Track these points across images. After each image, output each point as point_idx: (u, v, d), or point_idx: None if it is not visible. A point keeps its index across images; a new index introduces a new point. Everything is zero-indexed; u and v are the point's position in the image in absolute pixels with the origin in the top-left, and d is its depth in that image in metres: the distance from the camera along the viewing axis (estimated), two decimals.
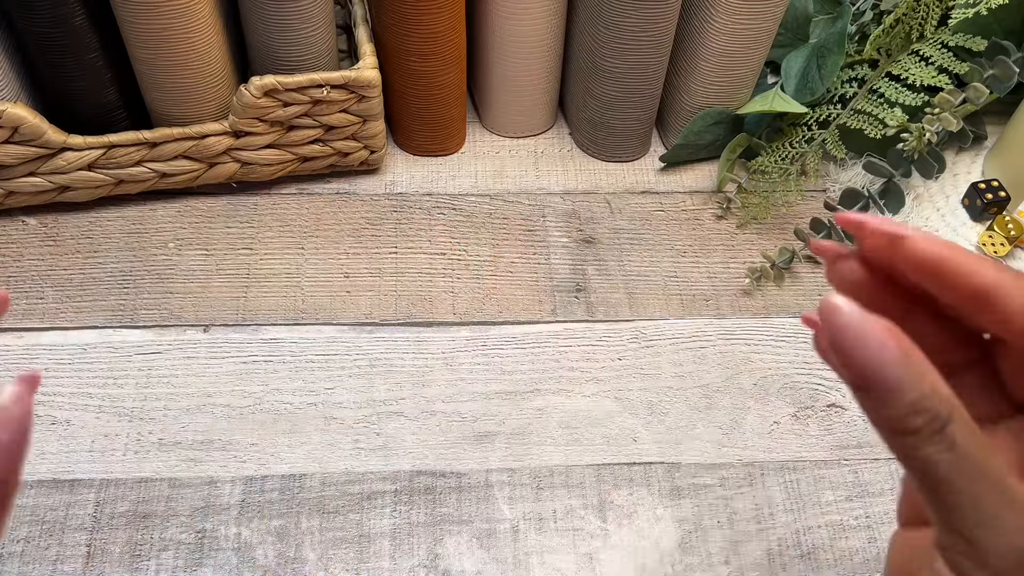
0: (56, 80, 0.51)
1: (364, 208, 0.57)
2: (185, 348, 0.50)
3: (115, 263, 0.53)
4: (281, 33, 0.51)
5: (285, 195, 0.57)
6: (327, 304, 0.52)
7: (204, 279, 0.53)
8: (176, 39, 0.49)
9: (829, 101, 0.58)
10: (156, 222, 0.55)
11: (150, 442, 0.46)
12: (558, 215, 0.57)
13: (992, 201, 0.55)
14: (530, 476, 0.46)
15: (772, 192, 0.58)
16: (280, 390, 0.48)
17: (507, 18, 0.55)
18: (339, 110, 0.53)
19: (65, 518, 0.43)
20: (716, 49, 0.54)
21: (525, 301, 0.53)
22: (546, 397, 0.49)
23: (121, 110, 0.53)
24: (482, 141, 0.62)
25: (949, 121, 0.51)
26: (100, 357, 0.49)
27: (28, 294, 0.51)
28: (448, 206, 0.57)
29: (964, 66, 0.53)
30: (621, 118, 0.58)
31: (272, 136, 0.53)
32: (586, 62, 0.56)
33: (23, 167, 0.51)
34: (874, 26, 0.57)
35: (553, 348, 0.51)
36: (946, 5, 0.54)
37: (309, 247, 0.55)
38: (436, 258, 0.55)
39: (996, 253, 0.54)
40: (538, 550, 0.43)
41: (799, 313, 0.53)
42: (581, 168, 0.60)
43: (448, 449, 0.47)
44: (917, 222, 0.56)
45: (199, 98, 0.52)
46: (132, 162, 0.53)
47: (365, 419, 0.48)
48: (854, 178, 0.59)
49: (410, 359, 0.50)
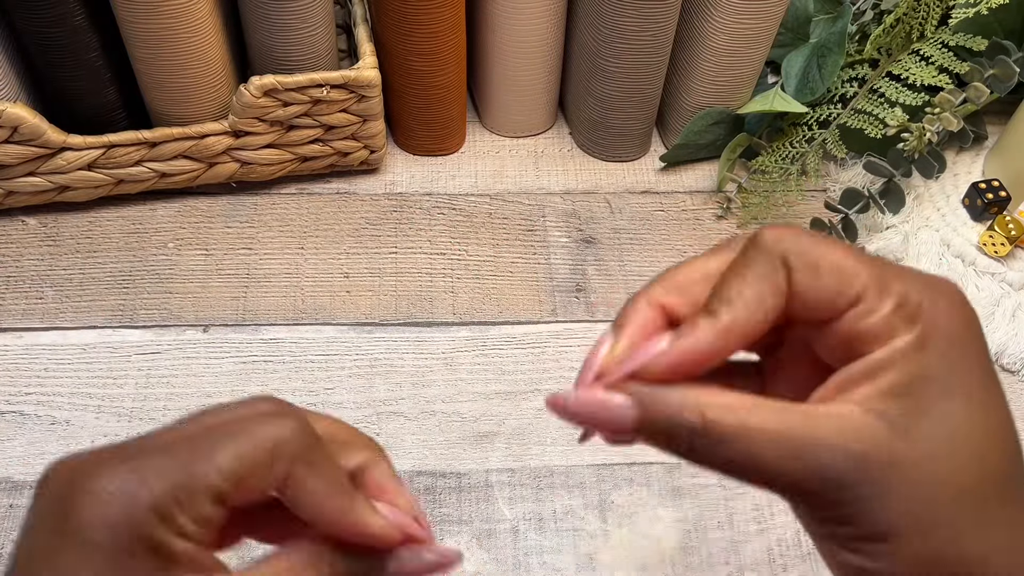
0: (56, 80, 0.51)
1: (364, 208, 0.57)
2: (185, 348, 0.50)
3: (114, 263, 0.53)
4: (281, 33, 0.51)
5: (285, 195, 0.57)
6: (327, 304, 0.52)
7: (204, 279, 0.53)
8: (176, 39, 0.49)
9: (829, 101, 0.57)
10: (156, 222, 0.55)
11: None
12: (558, 215, 0.57)
13: (992, 201, 0.55)
14: (530, 476, 0.46)
15: (772, 192, 0.58)
16: (280, 390, 0.48)
17: (507, 18, 0.54)
18: (339, 110, 0.53)
19: None
20: (716, 49, 0.54)
21: (525, 301, 0.53)
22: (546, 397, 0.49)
23: (121, 110, 0.53)
24: (482, 141, 0.62)
25: (949, 121, 0.51)
26: (100, 357, 0.49)
27: (28, 294, 0.51)
28: (448, 206, 0.57)
29: (964, 66, 0.53)
30: (621, 118, 0.58)
31: (272, 136, 0.53)
32: (586, 62, 0.56)
33: (23, 167, 0.51)
34: (874, 26, 0.57)
35: (553, 348, 0.51)
36: (946, 5, 0.54)
37: (309, 247, 0.55)
38: (436, 258, 0.55)
39: (997, 253, 0.54)
40: (538, 550, 0.43)
41: None
42: (581, 168, 0.60)
43: (448, 449, 0.47)
44: (917, 222, 0.56)
45: (199, 98, 0.52)
46: (132, 162, 0.52)
47: (365, 419, 0.47)
48: (854, 178, 0.58)
49: (410, 359, 0.50)
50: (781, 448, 0.22)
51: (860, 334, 0.23)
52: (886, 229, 0.56)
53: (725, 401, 0.22)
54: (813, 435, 0.22)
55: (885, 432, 0.22)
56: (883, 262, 0.24)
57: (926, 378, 0.22)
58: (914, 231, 0.56)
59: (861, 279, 0.23)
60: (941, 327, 0.22)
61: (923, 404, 0.22)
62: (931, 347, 0.22)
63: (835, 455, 0.22)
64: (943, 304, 0.23)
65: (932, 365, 0.22)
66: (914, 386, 0.22)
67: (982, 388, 0.23)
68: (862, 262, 0.23)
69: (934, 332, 0.22)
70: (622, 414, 0.23)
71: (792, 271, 0.23)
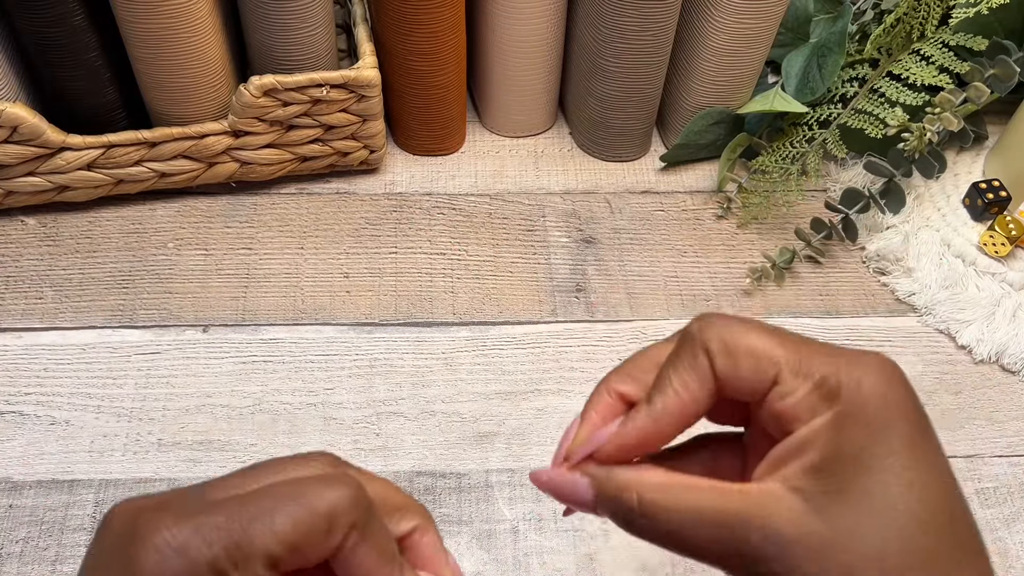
0: (55, 80, 0.51)
1: (364, 208, 0.57)
2: (184, 348, 0.50)
3: (114, 263, 0.53)
4: (281, 33, 0.51)
5: (285, 195, 0.57)
6: (327, 304, 0.52)
7: (203, 279, 0.53)
8: (176, 39, 0.49)
9: (830, 101, 0.57)
10: (155, 222, 0.55)
11: (149, 442, 0.46)
12: (558, 215, 0.57)
13: (993, 201, 0.55)
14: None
15: (773, 192, 0.58)
16: (279, 390, 0.48)
17: (507, 18, 0.54)
18: (339, 110, 0.53)
19: (64, 518, 0.43)
20: (716, 49, 0.54)
21: (525, 301, 0.53)
22: (546, 397, 0.49)
23: (120, 110, 0.53)
24: (482, 141, 0.62)
25: (950, 121, 0.51)
26: (99, 357, 0.49)
27: (27, 294, 0.51)
28: (448, 206, 0.57)
29: (965, 65, 0.53)
30: (621, 118, 0.58)
31: (271, 136, 0.53)
32: (586, 62, 0.56)
33: (22, 167, 0.51)
34: (875, 25, 0.57)
35: (553, 348, 0.51)
36: (947, 4, 0.54)
37: (309, 247, 0.55)
38: (436, 258, 0.55)
39: (997, 253, 0.54)
40: (538, 550, 0.43)
41: (800, 313, 0.53)
42: (581, 168, 0.60)
43: (448, 449, 0.47)
44: (918, 222, 0.56)
45: (198, 98, 0.52)
46: (131, 162, 0.52)
47: (365, 419, 0.47)
48: (855, 178, 0.58)
49: (410, 359, 0.50)
50: (707, 524, 0.24)
51: (783, 414, 0.24)
52: (886, 229, 0.56)
53: (662, 481, 0.25)
54: (736, 512, 0.23)
55: (802, 509, 0.23)
56: (806, 343, 0.25)
57: (843, 456, 0.23)
58: (914, 231, 0.56)
59: (776, 363, 0.25)
60: (860, 405, 0.23)
61: (840, 482, 0.23)
62: (848, 425, 0.23)
63: (753, 532, 0.23)
64: (865, 382, 0.24)
65: (849, 443, 0.23)
66: (832, 464, 0.23)
67: (907, 465, 0.23)
68: (781, 346, 0.25)
69: (853, 410, 0.23)
70: (584, 492, 0.26)
71: (713, 358, 0.25)
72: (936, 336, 0.53)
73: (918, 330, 0.53)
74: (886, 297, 0.54)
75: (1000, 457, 0.48)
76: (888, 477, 0.23)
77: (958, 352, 0.52)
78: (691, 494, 0.24)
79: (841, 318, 0.53)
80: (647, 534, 0.25)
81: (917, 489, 0.23)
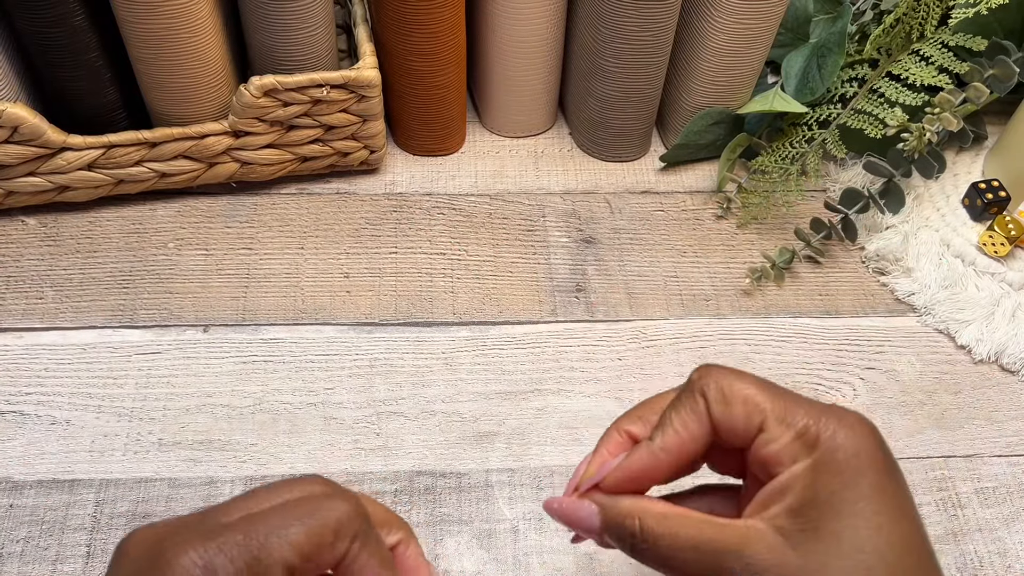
0: (56, 80, 0.51)
1: (364, 208, 0.57)
2: (185, 348, 0.50)
3: (115, 263, 0.53)
4: (281, 33, 0.51)
5: (285, 195, 0.57)
6: (327, 304, 0.52)
7: (204, 279, 0.53)
8: (176, 39, 0.49)
9: (829, 101, 0.58)
10: (156, 222, 0.55)
11: (150, 442, 0.46)
12: (558, 215, 0.57)
13: (992, 201, 0.55)
14: (530, 476, 0.46)
15: (772, 192, 0.58)
16: (280, 390, 0.48)
17: (507, 18, 0.55)
18: (339, 110, 0.53)
19: (65, 518, 0.43)
20: (716, 49, 0.54)
21: (525, 301, 0.53)
22: (546, 397, 0.49)
23: (121, 110, 0.53)
24: (482, 141, 0.62)
25: (949, 121, 0.51)
26: (100, 357, 0.49)
27: (28, 294, 0.51)
28: (448, 206, 0.57)
29: (964, 66, 0.53)
30: (621, 118, 0.58)
31: (272, 136, 0.53)
32: (586, 62, 0.56)
33: (23, 167, 0.51)
34: (874, 26, 0.57)
35: (553, 348, 0.51)
36: (946, 5, 0.54)
37: (309, 247, 0.55)
38: (436, 258, 0.55)
39: (996, 253, 0.54)
40: (538, 550, 0.43)
41: (800, 313, 0.53)
42: (581, 168, 0.60)
43: (448, 449, 0.47)
44: (917, 222, 0.56)
45: (199, 98, 0.52)
46: (132, 162, 0.52)
47: (365, 419, 0.48)
48: (854, 178, 0.58)
49: (410, 359, 0.50)
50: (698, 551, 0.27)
51: (767, 458, 0.27)
52: (886, 229, 0.56)
53: (662, 511, 0.28)
54: (723, 541, 0.27)
55: (780, 544, 0.26)
56: (791, 396, 0.28)
57: (818, 500, 0.26)
58: (914, 231, 0.56)
59: (763, 411, 0.28)
60: (836, 455, 0.26)
61: (815, 523, 0.26)
62: (824, 472, 0.26)
63: (734, 559, 0.26)
64: (841, 435, 0.27)
65: (824, 488, 0.26)
66: (809, 506, 0.26)
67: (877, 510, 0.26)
68: (770, 396, 0.28)
69: (829, 459, 0.26)
70: (592, 517, 0.29)
71: (710, 403, 0.28)
72: (935, 336, 0.53)
73: (917, 330, 0.53)
74: (885, 297, 0.55)
75: (999, 457, 0.48)
76: (858, 521, 0.25)
77: (957, 352, 0.52)
78: (686, 524, 0.28)
79: (841, 318, 0.53)
80: (647, 558, 0.28)
81: (885, 533, 0.25)
